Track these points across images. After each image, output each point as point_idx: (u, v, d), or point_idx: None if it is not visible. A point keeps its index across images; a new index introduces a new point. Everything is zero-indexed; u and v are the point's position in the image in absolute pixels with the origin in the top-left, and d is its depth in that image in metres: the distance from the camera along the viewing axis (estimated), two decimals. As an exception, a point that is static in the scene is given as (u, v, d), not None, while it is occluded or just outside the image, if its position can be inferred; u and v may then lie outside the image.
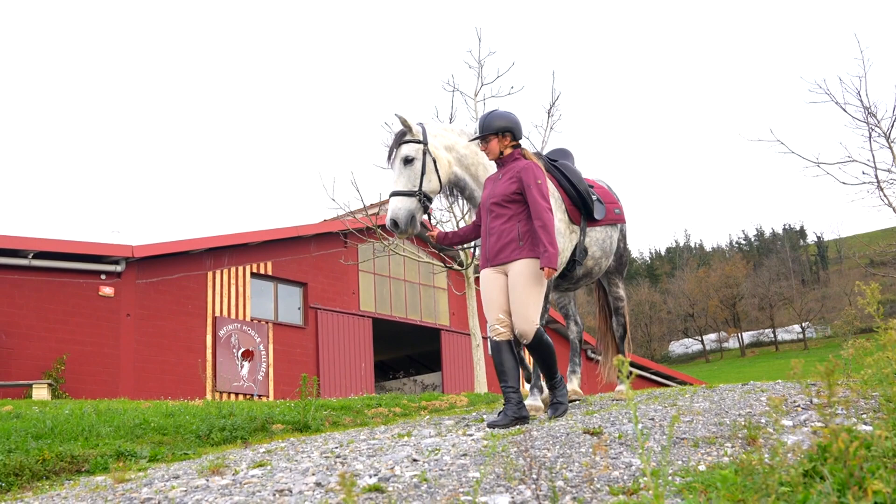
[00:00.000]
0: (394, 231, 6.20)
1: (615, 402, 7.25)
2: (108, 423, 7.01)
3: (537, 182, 5.86)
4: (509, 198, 5.91)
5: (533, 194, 5.82)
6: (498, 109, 6.27)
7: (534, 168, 5.95)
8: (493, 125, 6.10)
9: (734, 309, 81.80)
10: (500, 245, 5.89)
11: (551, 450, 4.43)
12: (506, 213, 5.91)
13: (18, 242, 18.05)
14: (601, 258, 7.08)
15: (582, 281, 7.11)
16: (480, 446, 4.70)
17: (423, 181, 6.23)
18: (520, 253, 5.82)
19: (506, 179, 6.00)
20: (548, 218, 5.75)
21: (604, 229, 7.06)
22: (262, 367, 21.29)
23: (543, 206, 5.78)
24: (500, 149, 6.11)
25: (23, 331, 17.77)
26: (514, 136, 6.13)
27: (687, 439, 4.60)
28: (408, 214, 6.16)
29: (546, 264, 5.63)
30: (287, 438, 6.43)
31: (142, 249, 19.63)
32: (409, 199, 6.19)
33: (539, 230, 5.72)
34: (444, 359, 26.18)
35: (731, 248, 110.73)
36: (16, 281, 18.03)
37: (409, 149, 6.27)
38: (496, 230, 5.94)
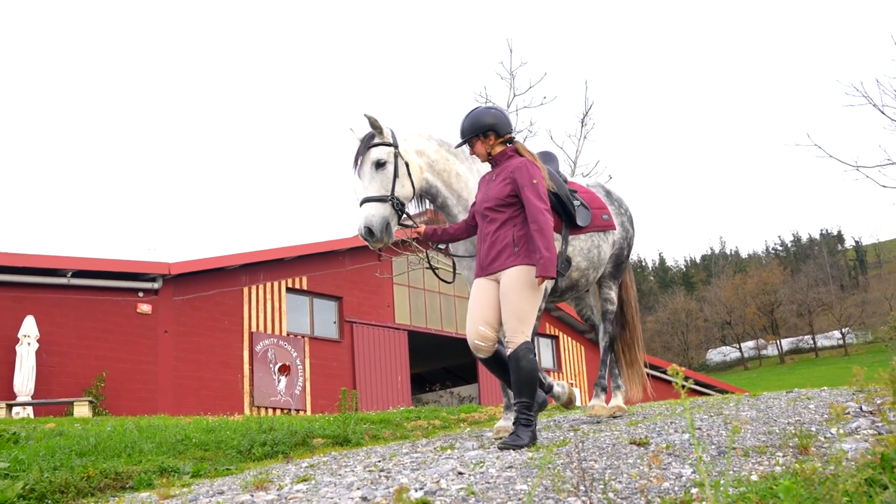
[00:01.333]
0: (368, 240, 5.70)
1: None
2: (150, 439, 7.03)
3: (532, 182, 5.40)
4: (503, 201, 5.46)
5: (528, 195, 5.36)
6: (478, 108, 5.78)
7: (529, 166, 5.48)
8: (472, 126, 5.67)
9: (772, 316, 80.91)
10: (494, 252, 5.45)
11: (598, 461, 4.36)
12: (500, 218, 5.47)
13: (57, 262, 18.26)
14: (588, 269, 6.49)
15: (567, 294, 6.58)
16: (526, 458, 4.64)
17: (395, 186, 5.77)
18: (514, 260, 5.35)
19: (499, 181, 5.55)
20: (544, 220, 5.28)
21: (589, 238, 6.46)
22: (299, 381, 21.33)
23: (539, 208, 5.31)
24: (486, 150, 5.67)
25: (63, 349, 17.95)
26: (497, 133, 5.64)
27: (737, 449, 4.51)
28: (382, 221, 5.67)
29: (541, 272, 5.17)
30: (329, 453, 6.39)
31: (178, 266, 19.77)
32: (383, 206, 5.70)
33: (535, 234, 5.26)
34: (481, 370, 26.09)
35: (768, 255, 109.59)
36: (55, 300, 18.22)
37: (381, 152, 5.80)
38: (490, 236, 5.50)
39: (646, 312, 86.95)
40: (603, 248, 6.60)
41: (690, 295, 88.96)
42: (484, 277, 5.49)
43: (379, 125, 5.81)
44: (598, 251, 6.52)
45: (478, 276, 5.53)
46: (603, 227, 6.55)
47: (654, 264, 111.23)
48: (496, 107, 5.79)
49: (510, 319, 5.28)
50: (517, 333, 5.26)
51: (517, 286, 5.29)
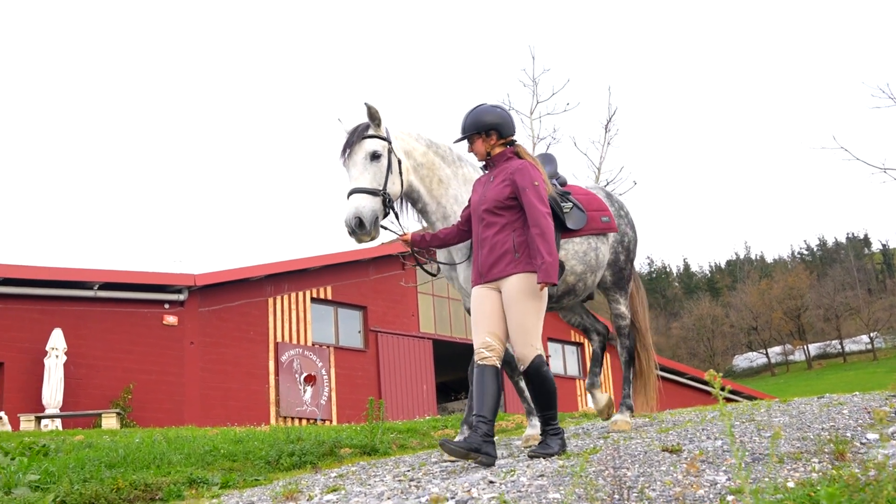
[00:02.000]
0: (356, 232, 5.38)
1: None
2: (179, 450, 7.03)
3: (534, 184, 5.18)
4: (502, 204, 5.23)
5: (529, 198, 5.14)
6: (483, 104, 5.53)
7: (530, 168, 5.27)
8: (475, 123, 5.43)
9: (799, 321, 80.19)
10: (492, 258, 5.19)
11: (631, 469, 4.31)
12: (498, 222, 5.23)
13: (84, 274, 18.39)
14: (585, 273, 6.24)
15: (565, 299, 6.32)
16: (556, 466, 4.59)
17: (387, 181, 5.54)
18: (515, 267, 5.13)
19: (498, 182, 5.31)
20: (546, 224, 5.07)
21: (585, 240, 6.22)
22: (325, 391, 21.35)
23: (541, 212, 5.10)
24: (485, 149, 5.46)
25: (90, 361, 18.06)
26: (500, 133, 5.44)
27: (772, 455, 4.45)
28: (373, 214, 5.42)
29: (543, 278, 4.96)
30: (357, 462, 6.38)
31: (203, 278, 19.86)
32: (374, 199, 5.45)
33: (536, 238, 5.05)
34: (506, 379, 26.00)
35: (794, 259, 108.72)
36: (82, 312, 18.35)
37: (376, 144, 5.58)
38: (488, 241, 5.24)
39: (671, 319, 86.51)
40: (601, 251, 6.34)
41: (716, 301, 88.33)
42: (483, 286, 5.25)
43: (378, 117, 5.61)
44: (595, 254, 6.27)
45: (475, 283, 5.30)
46: (602, 229, 6.30)
47: (678, 270, 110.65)
48: (501, 106, 5.56)
49: (517, 334, 5.09)
50: (527, 347, 5.08)
51: (520, 297, 5.09)
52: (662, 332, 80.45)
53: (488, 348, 5.13)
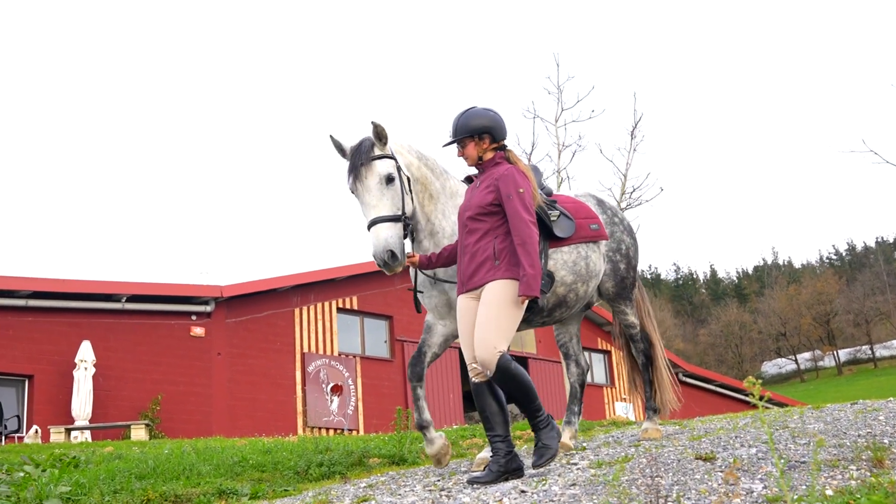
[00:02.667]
0: (389, 265, 5.17)
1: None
2: (208, 461, 7.03)
3: (518, 191, 4.96)
4: (485, 210, 5.02)
5: (513, 206, 4.93)
6: (475, 107, 5.31)
7: (515, 174, 5.04)
8: (468, 126, 5.20)
9: (828, 326, 79.40)
10: (473, 266, 5.00)
11: (664, 477, 4.25)
12: (480, 228, 5.03)
13: (112, 287, 18.52)
14: (575, 283, 5.94)
15: (557, 312, 6.01)
16: (588, 475, 4.54)
17: (404, 203, 5.33)
18: (494, 273, 4.91)
19: (482, 188, 5.11)
20: (528, 234, 4.86)
21: (574, 249, 5.94)
22: (352, 401, 21.35)
23: (524, 220, 4.89)
24: (478, 153, 5.24)
25: (118, 373, 18.16)
26: (493, 137, 5.22)
27: (807, 462, 4.37)
28: (401, 243, 5.23)
29: (524, 291, 4.77)
30: (386, 472, 6.35)
31: (230, 289, 19.94)
32: (398, 226, 5.24)
33: (518, 248, 4.84)
34: (533, 385, 25.91)
35: (822, 264, 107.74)
36: (110, 325, 18.47)
37: (388, 165, 5.32)
38: (470, 248, 5.04)
39: (698, 325, 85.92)
40: (592, 259, 6.07)
41: (743, 307, 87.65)
42: (466, 295, 5.07)
43: (385, 135, 5.36)
44: (585, 263, 6.00)
45: (459, 293, 5.13)
46: (591, 237, 6.05)
47: (705, 276, 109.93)
48: (493, 109, 5.33)
49: (482, 333, 4.84)
50: (489, 349, 4.82)
51: (497, 301, 4.87)
52: (690, 339, 79.96)
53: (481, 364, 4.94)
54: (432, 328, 5.98)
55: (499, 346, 4.81)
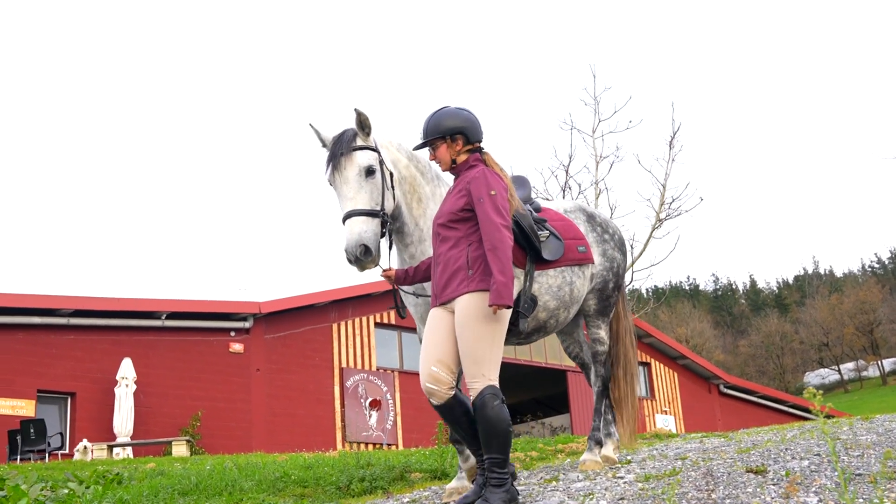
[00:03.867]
0: (360, 261, 4.80)
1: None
2: (250, 477, 7.01)
3: (490, 193, 4.58)
4: (456, 216, 4.66)
5: (484, 209, 4.54)
6: (447, 107, 4.97)
7: (488, 176, 4.67)
8: (439, 126, 4.85)
9: (871, 335, 78.10)
10: (446, 276, 4.62)
11: (715, 491, 4.15)
12: (453, 236, 4.65)
13: (152, 304, 18.68)
14: (558, 309, 5.52)
15: (534, 336, 5.63)
16: (636, 489, 4.45)
17: (384, 198, 4.98)
18: (468, 285, 4.51)
19: (454, 193, 4.77)
20: (499, 238, 4.45)
21: (560, 274, 5.51)
22: (391, 415, 21.31)
23: (495, 224, 4.49)
24: (451, 156, 4.86)
25: (159, 390, 18.30)
26: (467, 138, 4.85)
27: (863, 475, 4.25)
28: (377, 239, 4.86)
29: (494, 300, 4.34)
30: (428, 487, 6.28)
31: (268, 305, 20.03)
32: (374, 221, 4.87)
33: (488, 253, 4.44)
34: (572, 400, 25.74)
35: (864, 273, 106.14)
36: (150, 342, 18.62)
37: (369, 157, 4.98)
38: (442, 258, 4.67)
39: (738, 336, 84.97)
40: (576, 286, 5.64)
41: (784, 317, 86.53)
42: (439, 307, 4.68)
43: (369, 125, 5.03)
44: (570, 289, 5.57)
45: (433, 306, 4.74)
46: (578, 260, 5.63)
47: (744, 287, 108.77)
48: (467, 109, 4.97)
49: (465, 363, 4.46)
50: (477, 378, 4.43)
51: (472, 319, 4.47)
52: (730, 351, 79.10)
53: (435, 381, 4.52)
54: None
55: (489, 373, 4.43)
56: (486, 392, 4.37)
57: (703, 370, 30.46)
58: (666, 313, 71.07)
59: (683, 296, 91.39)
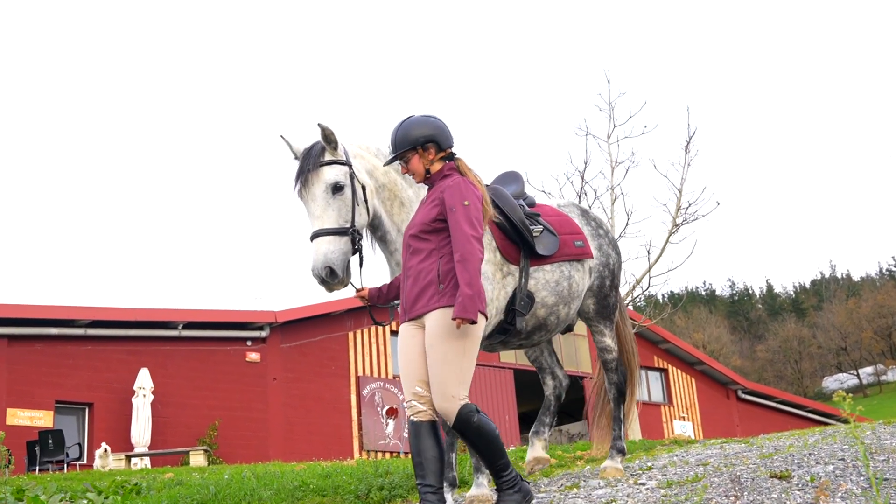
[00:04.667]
0: (327, 282, 4.68)
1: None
2: (268, 486, 6.99)
3: (463, 203, 4.36)
4: (428, 226, 4.44)
5: (455, 219, 4.33)
6: (412, 116, 4.72)
7: (462, 186, 4.45)
8: (408, 137, 4.61)
9: (890, 339, 77.55)
10: (416, 291, 4.40)
11: (739, 497, 4.10)
12: (424, 248, 4.44)
13: (168, 315, 18.72)
14: (557, 305, 5.41)
15: (536, 335, 5.49)
16: (659, 496, 4.40)
17: (355, 214, 4.80)
18: (438, 300, 4.30)
19: (428, 203, 4.55)
20: (469, 250, 4.24)
21: (557, 268, 5.41)
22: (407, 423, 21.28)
23: (467, 235, 4.27)
24: (424, 166, 4.62)
25: (176, 399, 18.32)
26: (438, 145, 4.61)
27: (889, 479, 4.19)
28: (344, 258, 4.70)
29: (458, 312, 4.11)
30: (462, 494, 6.24)
31: (284, 314, 20.05)
32: (343, 239, 4.72)
33: (457, 265, 4.23)
34: (590, 407, 25.61)
35: (882, 277, 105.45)
36: (167, 352, 18.65)
37: (337, 172, 4.81)
38: (413, 271, 4.45)
39: (755, 341, 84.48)
40: (575, 279, 5.54)
41: (802, 321, 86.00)
42: (410, 323, 4.46)
43: (334, 139, 4.86)
44: (568, 283, 5.47)
45: (402, 321, 4.52)
46: (575, 254, 5.53)
47: (761, 292, 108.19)
48: (434, 116, 4.75)
49: (434, 383, 4.25)
50: (447, 400, 4.21)
51: (441, 337, 4.25)
52: (747, 356, 78.62)
53: (420, 399, 4.33)
54: None
55: (458, 392, 4.23)
56: (463, 413, 4.21)
57: (721, 376, 30.29)
58: (682, 319, 70.75)
59: (700, 301, 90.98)
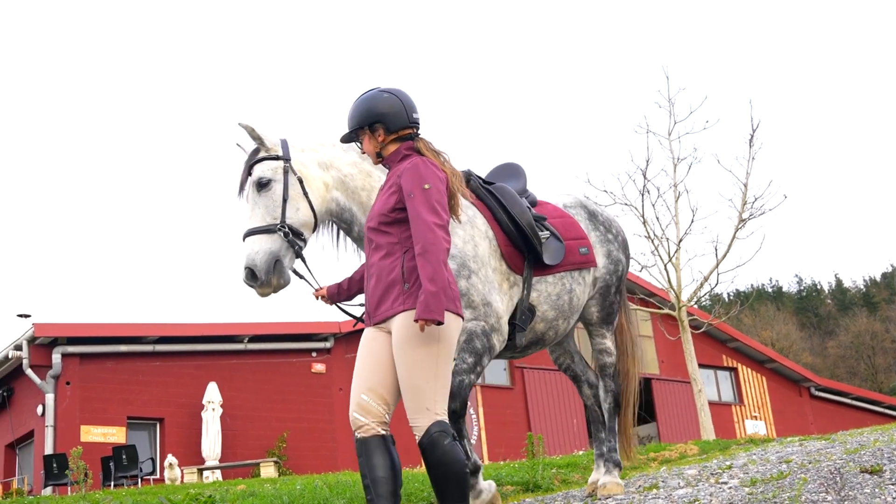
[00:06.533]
0: (251, 285, 4.31)
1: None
2: (341, 495, 6.97)
3: (423, 187, 3.78)
4: (387, 217, 3.87)
5: (414, 206, 3.75)
6: (371, 90, 4.16)
7: (420, 167, 3.85)
8: (356, 115, 4.10)
9: (968, 331, 75.30)
10: (380, 291, 3.85)
11: (829, 493, 3.93)
12: (386, 242, 3.87)
13: (234, 329, 18.91)
14: (556, 319, 5.01)
15: (531, 349, 5.13)
16: (744, 494, 4.25)
17: (286, 210, 4.38)
18: (404, 302, 3.73)
19: (385, 190, 3.98)
20: (431, 240, 3.66)
21: (559, 280, 4.98)
22: (474, 430, 21.17)
23: (427, 223, 3.69)
24: (374, 148, 4.09)
25: (245, 412, 18.48)
26: (386, 126, 4.03)
27: None
28: (269, 259, 4.28)
29: (421, 313, 3.55)
30: (522, 500, 6.15)
31: (348, 324, 19.95)
32: (269, 238, 4.31)
33: (418, 259, 3.66)
34: (658, 409, 25.27)
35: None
36: (234, 365, 18.84)
37: (264, 168, 4.44)
38: (375, 269, 3.90)
39: (826, 337, 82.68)
40: (576, 293, 5.11)
41: (873, 316, 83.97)
42: (374, 327, 3.91)
43: (257, 133, 4.50)
44: (569, 297, 5.05)
45: (367, 326, 4.00)
46: (579, 264, 5.08)
47: (830, 287, 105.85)
48: (393, 90, 4.13)
49: (406, 395, 3.73)
50: (420, 413, 3.68)
51: (409, 343, 3.69)
52: (818, 352, 76.99)
53: (364, 412, 3.80)
54: None
55: (434, 405, 3.67)
56: (434, 430, 3.63)
57: (793, 373, 29.65)
58: (749, 317, 69.52)
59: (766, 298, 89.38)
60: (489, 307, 4.57)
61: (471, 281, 4.52)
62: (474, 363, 4.58)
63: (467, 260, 4.55)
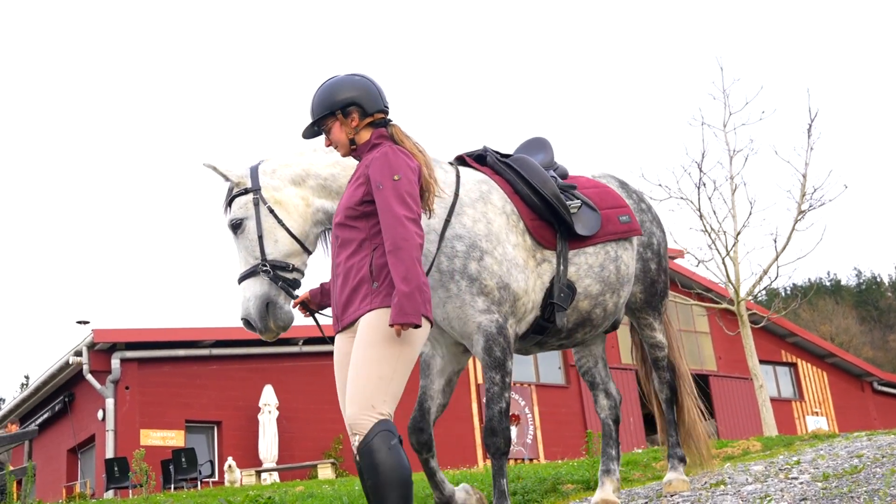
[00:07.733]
0: (256, 331, 4.15)
1: None
2: (399, 495, 6.94)
3: (393, 178, 3.49)
4: (355, 211, 3.57)
5: (384, 198, 3.46)
6: (336, 76, 3.88)
7: (390, 156, 3.57)
8: (326, 101, 3.79)
9: None
10: (347, 292, 3.55)
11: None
12: (354, 238, 3.57)
13: (289, 331, 18.93)
14: (603, 294, 4.58)
15: (579, 332, 4.66)
16: (817, 489, 4.11)
17: (263, 247, 4.09)
18: (371, 301, 3.44)
19: (353, 181, 3.67)
20: (402, 235, 3.38)
21: (601, 249, 4.58)
22: (530, 430, 21.06)
23: (398, 217, 3.41)
24: (347, 135, 3.77)
25: (300, 415, 18.58)
26: (363, 110, 3.74)
27: None
28: (260, 304, 4.06)
29: (396, 318, 3.28)
30: (583, 498, 6.06)
31: (401, 324, 20.13)
32: (257, 281, 4.07)
33: (389, 256, 3.39)
34: (717, 406, 24.90)
35: None
36: (288, 368, 18.96)
37: (235, 208, 4.18)
38: (342, 268, 3.59)
39: (887, 331, 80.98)
40: (623, 260, 4.71)
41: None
42: (342, 334, 3.62)
43: (220, 172, 4.24)
44: (615, 266, 4.64)
45: (335, 331, 3.68)
46: (622, 232, 4.70)
47: (890, 279, 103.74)
48: (362, 74, 3.88)
49: (353, 388, 3.39)
50: (364, 410, 3.34)
51: (372, 341, 3.40)
52: (879, 346, 75.45)
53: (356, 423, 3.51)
54: (429, 366, 4.63)
55: (379, 404, 3.35)
56: (376, 430, 3.29)
57: (855, 368, 29.05)
58: (807, 311, 68.38)
59: (825, 292, 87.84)
60: (506, 290, 4.15)
61: (483, 263, 4.10)
62: (502, 379, 4.21)
63: (478, 240, 4.14)
